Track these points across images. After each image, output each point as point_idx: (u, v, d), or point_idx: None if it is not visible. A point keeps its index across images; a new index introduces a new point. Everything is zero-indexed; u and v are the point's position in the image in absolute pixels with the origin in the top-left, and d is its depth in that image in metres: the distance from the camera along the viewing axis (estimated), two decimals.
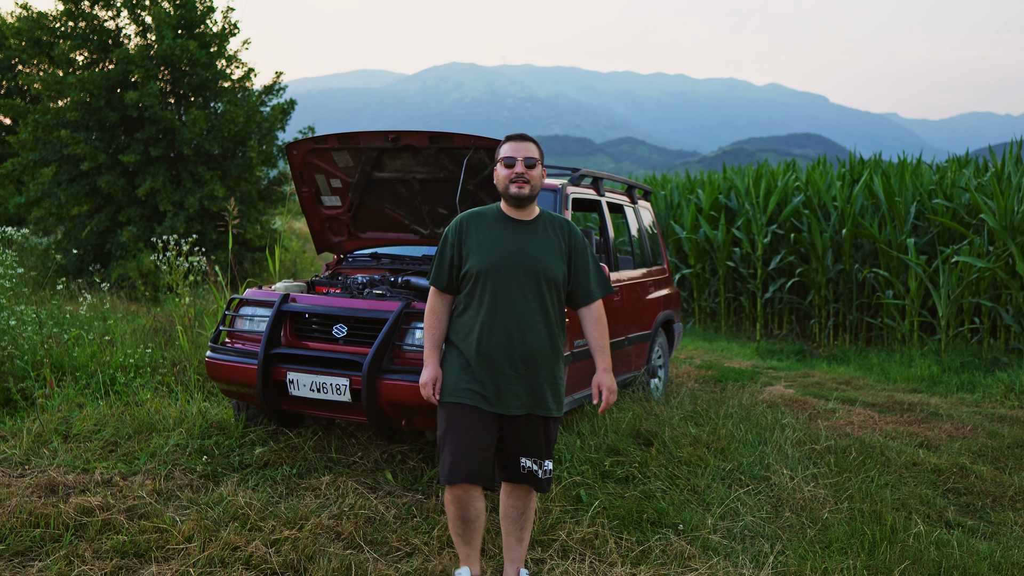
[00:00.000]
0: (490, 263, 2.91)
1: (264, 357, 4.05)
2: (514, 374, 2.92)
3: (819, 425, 5.59)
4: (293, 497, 3.92)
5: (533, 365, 2.93)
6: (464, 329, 2.97)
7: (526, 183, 2.93)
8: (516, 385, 2.92)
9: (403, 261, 5.10)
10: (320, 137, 4.67)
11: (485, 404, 2.92)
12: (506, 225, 2.99)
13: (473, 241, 2.97)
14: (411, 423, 4.00)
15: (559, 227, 3.05)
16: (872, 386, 7.34)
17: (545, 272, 2.93)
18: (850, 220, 10.02)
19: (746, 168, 13.47)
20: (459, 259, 2.99)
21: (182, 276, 6.72)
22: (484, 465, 2.92)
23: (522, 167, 2.93)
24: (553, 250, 2.98)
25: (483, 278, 2.92)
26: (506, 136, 3.04)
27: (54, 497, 3.72)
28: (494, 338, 2.90)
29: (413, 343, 3.99)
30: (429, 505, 3.85)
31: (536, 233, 2.99)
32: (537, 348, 2.93)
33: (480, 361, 2.92)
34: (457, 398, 2.93)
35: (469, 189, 4.54)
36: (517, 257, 2.93)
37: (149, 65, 11.99)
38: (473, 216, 3.05)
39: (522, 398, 2.93)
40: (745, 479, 4.46)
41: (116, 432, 4.58)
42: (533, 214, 3.03)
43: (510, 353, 2.90)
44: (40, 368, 5.32)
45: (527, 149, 2.96)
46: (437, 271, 3.03)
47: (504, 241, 2.95)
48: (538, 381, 2.95)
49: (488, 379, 2.91)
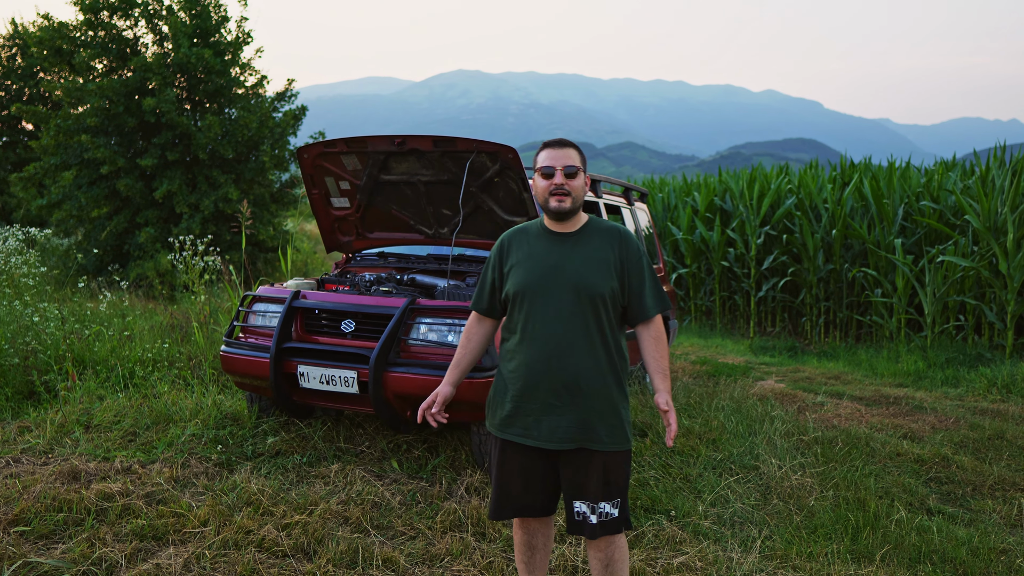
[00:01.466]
0: (527, 282, 2.61)
1: (276, 351, 4.25)
2: (558, 404, 2.58)
3: (807, 417, 5.80)
4: (304, 484, 4.11)
5: (578, 392, 2.56)
6: (507, 356, 2.69)
7: (567, 195, 2.60)
8: (560, 416, 2.58)
9: (409, 260, 5.30)
10: (330, 141, 4.86)
11: (527, 438, 2.63)
12: (547, 239, 2.67)
13: (514, 260, 2.69)
14: (416, 414, 4.19)
15: (609, 236, 2.67)
16: (860, 381, 7.56)
17: (587, 288, 2.57)
18: (840, 221, 10.24)
19: (741, 172, 13.70)
20: (500, 281, 2.72)
21: (198, 275, 6.91)
22: (533, 499, 2.69)
23: (562, 177, 2.60)
24: (599, 262, 2.61)
25: (521, 299, 2.62)
26: (543, 143, 2.70)
27: (76, 484, 3.91)
28: (534, 364, 2.59)
29: (418, 337, 4.19)
30: (433, 492, 4.04)
31: (579, 245, 2.64)
32: (582, 373, 2.56)
33: (521, 390, 2.62)
34: (501, 432, 2.70)
35: (472, 191, 4.74)
36: (556, 273, 2.60)
37: (166, 72, 12.32)
38: (516, 233, 2.76)
39: (567, 430, 2.57)
40: (735, 468, 4.67)
41: (135, 423, 4.77)
42: (577, 224, 2.68)
43: (551, 380, 2.57)
44: (63, 362, 5.51)
45: (567, 156, 2.63)
46: (477, 292, 2.79)
47: (543, 257, 2.63)
48: (587, 411, 2.57)
49: (530, 409, 2.61)
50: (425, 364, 4.08)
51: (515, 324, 2.66)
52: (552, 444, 2.59)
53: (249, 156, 13.27)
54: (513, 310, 2.67)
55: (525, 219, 4.72)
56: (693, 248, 12.19)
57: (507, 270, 2.69)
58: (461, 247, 5.14)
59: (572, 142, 2.69)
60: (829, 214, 10.69)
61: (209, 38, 13.26)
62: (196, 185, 12.65)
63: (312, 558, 3.38)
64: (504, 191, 4.70)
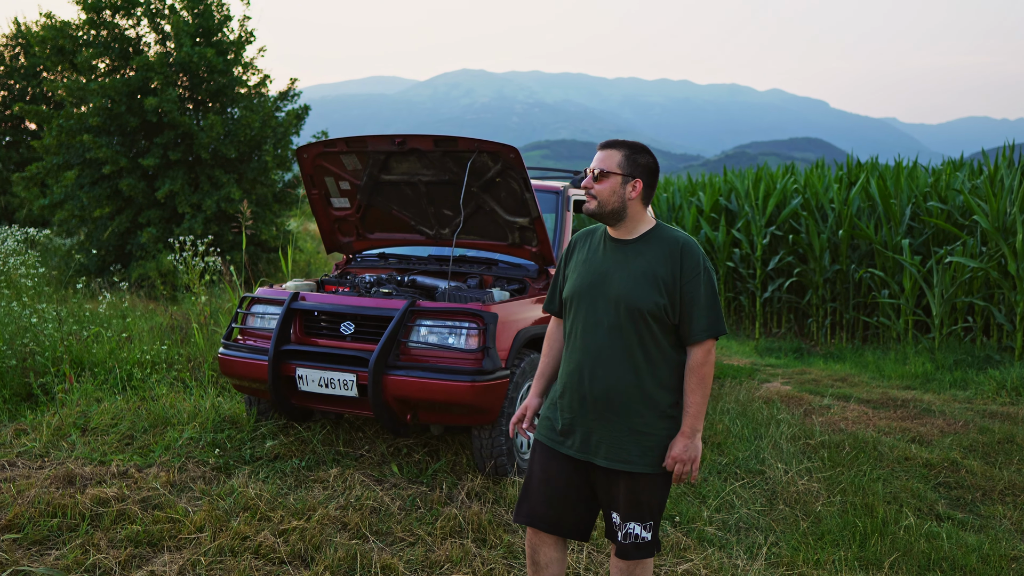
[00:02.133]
0: (577, 288, 2.55)
1: (274, 353, 4.19)
2: (591, 416, 2.49)
3: (814, 421, 5.72)
4: (302, 489, 4.05)
5: (610, 408, 2.46)
6: (564, 359, 2.63)
7: (592, 199, 2.51)
8: (592, 429, 2.50)
9: (410, 261, 5.24)
10: (329, 141, 4.80)
11: (557, 444, 2.56)
12: (606, 246, 2.57)
13: (575, 263, 2.63)
14: (416, 417, 4.13)
15: (666, 247, 2.49)
16: (867, 383, 7.47)
17: (628, 302, 2.44)
18: (847, 221, 10.15)
19: (746, 171, 13.61)
20: (563, 282, 2.67)
21: (198, 276, 6.87)
22: (551, 511, 2.56)
23: (590, 180, 2.52)
24: (647, 276, 2.45)
25: (571, 305, 2.57)
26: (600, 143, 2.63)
27: (71, 488, 3.85)
28: (574, 373, 2.52)
29: (418, 340, 4.12)
30: (433, 497, 3.98)
31: (633, 254, 2.51)
32: (615, 389, 2.45)
33: (561, 395, 2.57)
34: (537, 433, 2.65)
35: (473, 191, 4.68)
36: (603, 282, 2.50)
37: (168, 72, 12.28)
38: (584, 235, 2.68)
39: (597, 445, 2.49)
40: (741, 473, 4.60)
41: (132, 426, 4.72)
42: (636, 232, 2.54)
43: (584, 392, 2.49)
44: (60, 364, 5.46)
45: (602, 159, 2.52)
46: (550, 294, 2.74)
47: (597, 264, 2.55)
48: (618, 428, 2.46)
49: (566, 417, 2.54)
50: (425, 367, 4.02)
51: (567, 329, 2.62)
52: (583, 455, 2.51)
53: (252, 156, 13.23)
54: (567, 315, 2.61)
55: (527, 220, 4.65)
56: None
57: (568, 273, 2.64)
58: (462, 248, 5.07)
59: (623, 142, 2.55)
60: (836, 214, 10.60)
61: (211, 37, 13.23)
62: (198, 185, 12.63)
63: (309, 565, 3.33)
64: (506, 191, 4.63)
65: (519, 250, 4.85)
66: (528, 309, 4.43)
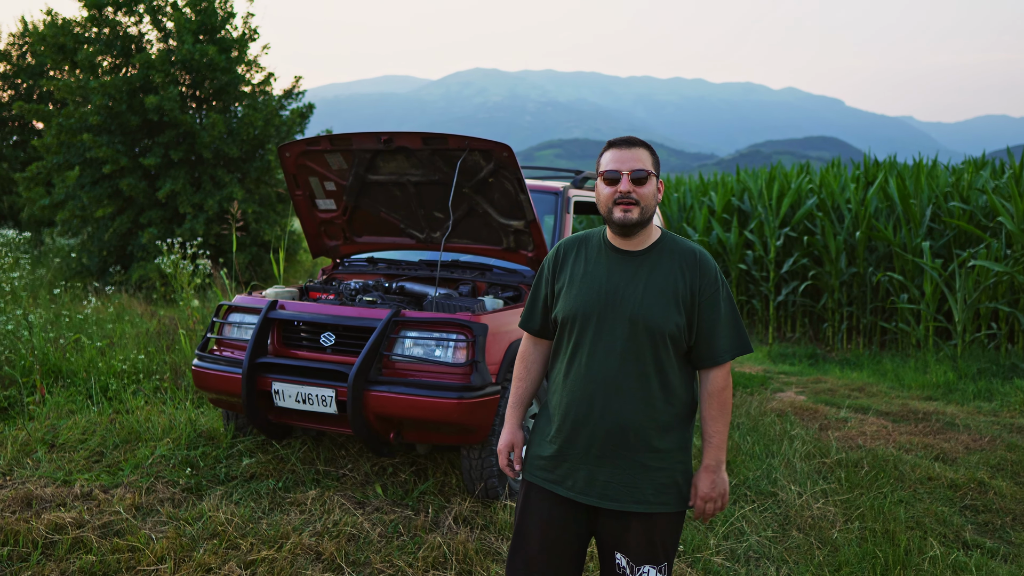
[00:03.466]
0: (579, 307, 2.23)
1: (248, 366, 3.91)
2: (599, 453, 2.20)
3: (830, 436, 5.39)
4: (277, 512, 3.77)
5: (624, 443, 2.18)
6: (553, 388, 2.32)
7: (634, 205, 2.17)
8: (599, 467, 2.21)
9: (399, 266, 4.95)
10: (312, 139, 4.52)
11: (557, 485, 2.26)
12: (609, 257, 2.26)
13: (567, 276, 2.29)
14: (400, 436, 3.84)
15: (684, 260, 2.23)
16: (886, 393, 7.12)
17: (647, 321, 2.16)
18: (864, 223, 9.78)
19: (759, 170, 13.24)
20: (552, 297, 2.33)
21: (187, 279, 6.61)
22: (550, 562, 2.28)
23: (628, 183, 2.17)
24: (666, 292, 2.19)
25: (571, 326, 2.25)
26: (608, 142, 2.28)
27: (28, 512, 3.59)
28: (577, 404, 2.22)
29: (402, 353, 3.83)
30: (417, 523, 3.69)
31: (645, 268, 2.23)
32: (629, 421, 2.17)
33: (559, 431, 2.26)
34: (530, 475, 2.33)
35: (464, 192, 4.38)
36: (612, 299, 2.20)
37: (169, 69, 12.07)
38: (574, 243, 2.35)
39: (607, 485, 2.20)
40: (751, 495, 4.28)
41: (103, 442, 4.46)
42: (647, 242, 2.26)
43: (593, 425, 2.19)
44: (31, 374, 5.20)
45: (635, 158, 2.20)
46: (528, 309, 2.41)
47: (601, 278, 2.24)
48: (632, 465, 2.19)
49: (567, 455, 2.24)
50: (410, 382, 3.72)
51: (562, 353, 2.29)
52: (587, 499, 2.22)
53: (255, 155, 13.06)
54: (561, 336, 2.29)
55: (522, 223, 4.35)
56: (709, 250, 11.76)
57: (559, 287, 2.31)
58: (454, 252, 4.77)
59: (642, 140, 2.27)
60: (852, 215, 10.23)
61: (215, 34, 13.04)
62: (200, 185, 12.44)
63: None
64: (499, 192, 4.33)
65: (514, 255, 4.55)
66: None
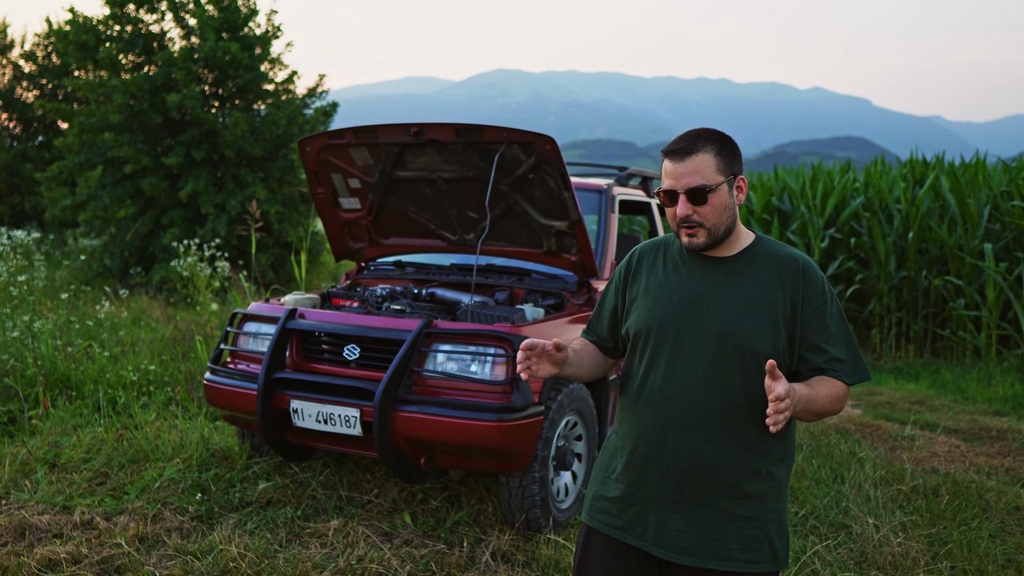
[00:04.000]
0: (654, 320, 1.90)
1: (264, 382, 3.53)
2: (672, 496, 1.85)
3: (903, 459, 4.90)
4: (295, 545, 3.38)
5: (703, 485, 1.83)
6: (620, 415, 1.99)
7: (697, 227, 1.83)
8: (674, 514, 1.86)
9: (429, 270, 4.55)
10: (335, 131, 4.13)
11: (625, 533, 1.91)
12: (691, 264, 1.92)
13: (642, 285, 1.97)
14: (431, 461, 3.44)
15: (783, 268, 1.86)
16: (950, 407, 6.60)
17: (737, 339, 1.82)
18: (916, 223, 9.24)
19: (799, 169, 12.72)
20: (623, 309, 2.02)
21: (204, 283, 6.28)
22: None
23: (686, 206, 1.82)
24: (760, 306, 1.84)
25: (644, 342, 1.92)
26: (664, 149, 1.89)
27: (21, 543, 3.23)
28: (647, 435, 1.88)
29: (434, 369, 3.43)
30: (451, 559, 3.28)
31: (735, 276, 1.87)
32: (712, 458, 1.82)
33: (628, 468, 1.92)
34: (590, 519, 1.99)
35: (502, 190, 3.97)
36: (695, 312, 1.86)
37: (191, 67, 11.83)
38: (651, 248, 2.02)
39: (682, 536, 1.85)
40: (822, 528, 3.82)
41: (108, 461, 4.10)
42: (737, 247, 1.90)
43: (666, 462, 1.85)
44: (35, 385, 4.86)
45: (692, 170, 1.81)
46: (595, 316, 2.10)
47: (681, 288, 1.90)
48: (714, 512, 1.84)
49: (634, 496, 1.90)
50: (443, 402, 3.32)
51: (633, 374, 1.95)
52: (659, 550, 1.87)
53: (278, 154, 12.80)
54: (633, 355, 1.96)
55: (565, 224, 3.93)
56: None
57: (632, 298, 1.98)
58: (489, 256, 4.36)
59: (706, 137, 1.84)
60: (902, 215, 9.68)
61: (237, 32, 12.79)
62: (223, 185, 12.18)
63: None
64: (540, 189, 3.91)
65: (556, 259, 4.13)
66: (566, 329, 3.71)
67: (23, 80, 18.03)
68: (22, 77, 18.02)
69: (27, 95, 18.03)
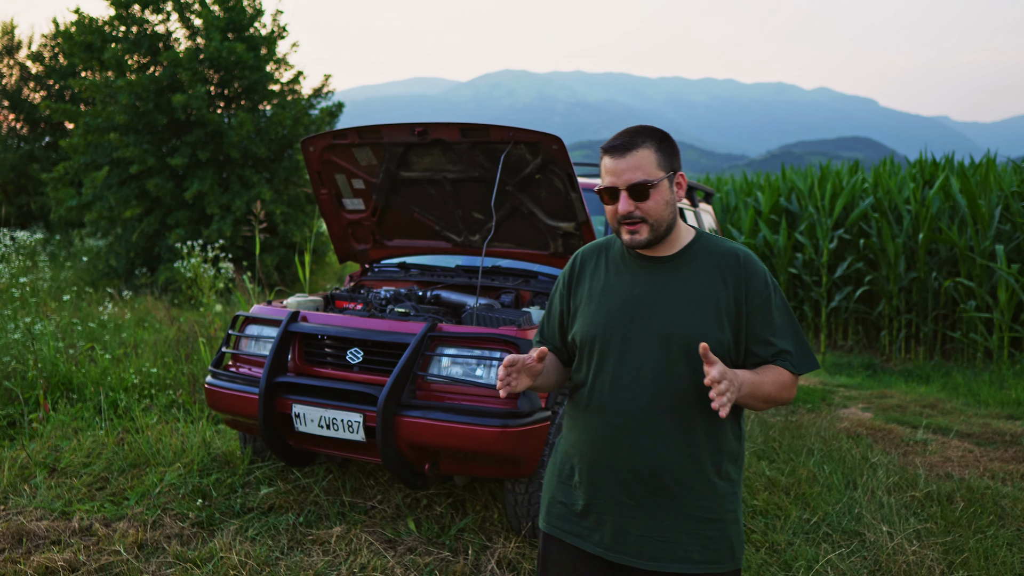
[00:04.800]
0: (598, 325, 1.87)
1: (266, 386, 3.47)
2: (629, 501, 1.83)
3: (915, 464, 4.81)
4: (297, 552, 3.32)
5: (660, 488, 1.81)
6: (569, 423, 1.97)
7: (639, 224, 1.80)
8: (632, 519, 1.83)
9: (434, 272, 4.48)
10: (339, 131, 4.07)
11: (583, 540, 1.89)
12: (632, 266, 1.89)
13: (585, 291, 1.93)
14: (436, 467, 3.37)
15: (725, 264, 1.85)
16: (962, 411, 6.50)
17: (683, 339, 1.79)
18: (926, 224, 9.14)
19: (807, 169, 12.62)
20: (569, 315, 1.98)
21: (208, 284, 6.23)
22: None
23: (627, 202, 1.79)
24: (704, 303, 1.81)
25: (589, 348, 1.89)
26: (603, 146, 1.86)
27: (18, 550, 3.18)
28: (599, 443, 1.85)
29: (439, 373, 3.36)
30: (456, 567, 3.21)
31: (677, 275, 1.85)
32: (667, 463, 1.80)
33: (581, 475, 1.90)
34: (548, 526, 1.96)
35: (508, 190, 3.90)
36: (639, 314, 1.83)
37: (196, 67, 11.81)
38: (593, 251, 1.99)
39: (641, 540, 1.82)
40: (834, 535, 3.74)
41: (108, 466, 4.05)
42: (677, 245, 1.88)
43: (621, 468, 1.83)
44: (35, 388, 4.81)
45: (633, 166, 1.78)
46: (546, 326, 2.06)
47: (624, 291, 1.87)
48: (672, 515, 1.82)
49: (589, 503, 1.88)
50: (447, 407, 3.25)
51: (580, 382, 1.93)
52: (618, 556, 1.84)
53: (283, 155, 12.76)
54: (580, 362, 1.94)
55: (572, 225, 3.86)
56: (756, 253, 11.17)
57: (577, 304, 1.95)
58: (494, 257, 4.29)
59: (646, 133, 1.82)
60: (912, 216, 9.58)
61: (243, 32, 12.76)
62: (228, 185, 12.16)
63: None
64: (547, 190, 3.84)
65: (562, 260, 4.06)
66: None
67: (30, 81, 18.06)
68: (29, 78, 18.04)
69: (34, 96, 18.05)
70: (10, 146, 17.69)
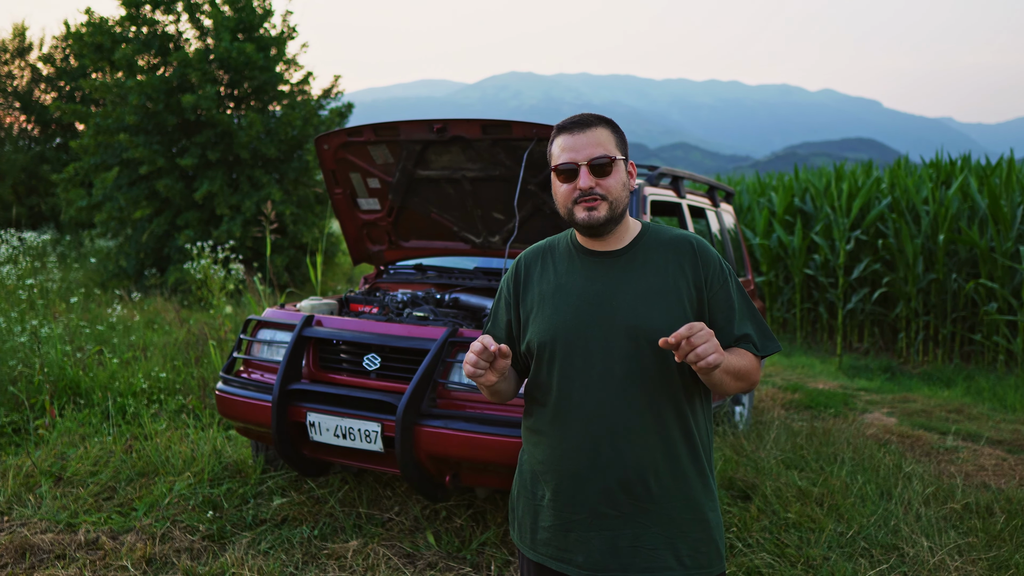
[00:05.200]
0: (557, 328, 1.76)
1: (279, 394, 3.32)
2: (613, 512, 1.73)
3: (951, 472, 4.65)
4: (312, 568, 3.18)
5: (645, 494, 1.72)
6: (533, 438, 1.84)
7: (599, 201, 1.73)
8: (617, 531, 1.72)
9: (452, 274, 4.34)
10: (354, 128, 3.93)
11: (569, 565, 1.77)
12: (583, 263, 1.81)
13: (535, 295, 1.83)
14: (457, 479, 3.22)
15: (679, 252, 1.78)
16: (989, 416, 6.33)
17: (649, 332, 1.70)
18: (945, 225, 8.96)
19: (820, 169, 12.45)
20: (519, 323, 1.87)
21: (218, 285, 6.10)
22: None
23: (588, 177, 1.72)
24: (665, 294, 1.74)
25: (550, 355, 1.77)
26: (556, 126, 1.82)
27: (21, 565, 3.04)
28: (575, 454, 1.74)
29: (460, 381, 3.21)
30: None
31: (632, 268, 1.77)
32: (650, 465, 1.72)
33: (557, 493, 1.78)
34: (530, 550, 1.83)
35: (530, 189, 3.76)
36: (599, 312, 1.74)
37: (206, 68, 11.72)
38: (536, 255, 1.90)
39: (630, 552, 1.72)
40: (872, 550, 3.58)
41: (116, 475, 3.91)
42: (626, 238, 1.82)
43: (602, 478, 1.73)
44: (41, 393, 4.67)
45: (593, 142, 1.73)
46: (492, 336, 1.92)
47: (579, 289, 1.78)
48: (658, 521, 1.73)
49: (571, 521, 1.76)
50: (469, 417, 3.11)
51: (543, 391, 1.80)
52: (603, 574, 1.74)
53: (293, 155, 12.67)
54: (539, 370, 1.81)
55: None
56: (770, 254, 11.00)
57: (524, 311, 1.85)
58: (510, 259, 4.14)
59: (600, 116, 1.80)
60: (931, 216, 9.40)
61: (253, 32, 12.67)
62: (238, 186, 12.07)
63: None
64: None
65: None
66: None
67: (41, 82, 17.99)
68: (40, 79, 17.97)
69: (45, 97, 17.97)
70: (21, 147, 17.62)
